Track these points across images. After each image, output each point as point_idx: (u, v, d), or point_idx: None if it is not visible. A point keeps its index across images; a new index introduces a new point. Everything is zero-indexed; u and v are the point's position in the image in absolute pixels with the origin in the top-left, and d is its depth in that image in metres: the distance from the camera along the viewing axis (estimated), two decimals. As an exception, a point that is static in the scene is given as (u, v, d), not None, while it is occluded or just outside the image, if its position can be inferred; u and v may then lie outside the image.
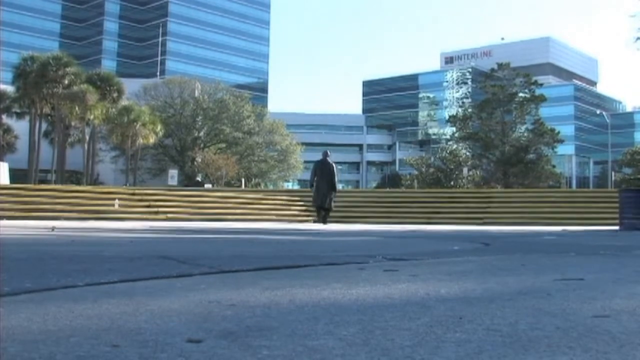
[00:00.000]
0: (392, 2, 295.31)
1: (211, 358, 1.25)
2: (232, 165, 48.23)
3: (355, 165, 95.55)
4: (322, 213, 17.00)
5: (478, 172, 56.13)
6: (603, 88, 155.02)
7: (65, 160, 43.61)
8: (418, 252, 4.97)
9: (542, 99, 54.24)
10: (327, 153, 17.03)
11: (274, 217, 20.95)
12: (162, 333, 1.49)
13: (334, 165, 16.95)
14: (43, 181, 41.53)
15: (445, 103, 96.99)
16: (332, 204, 17.00)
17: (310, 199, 18.43)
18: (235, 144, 56.53)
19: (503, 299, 2.17)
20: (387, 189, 47.38)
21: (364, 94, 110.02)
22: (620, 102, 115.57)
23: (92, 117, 40.03)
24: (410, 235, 9.56)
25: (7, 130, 45.94)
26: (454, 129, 59.68)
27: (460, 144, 58.95)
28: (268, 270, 3.21)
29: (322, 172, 16.80)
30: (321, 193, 16.78)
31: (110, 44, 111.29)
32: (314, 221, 19.11)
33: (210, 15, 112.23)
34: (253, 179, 57.89)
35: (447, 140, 67.72)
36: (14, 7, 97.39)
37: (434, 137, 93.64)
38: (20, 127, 45.03)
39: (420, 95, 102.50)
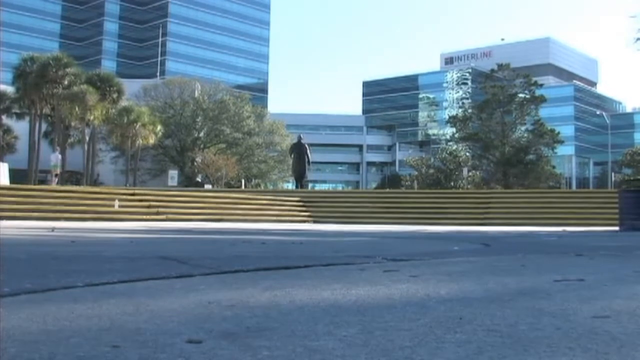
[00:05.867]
0: (392, 3, 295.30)
1: (211, 359, 1.25)
2: (232, 165, 48.18)
3: (355, 166, 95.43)
4: (300, 181, 23.08)
5: (478, 173, 56.09)
6: (603, 89, 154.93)
7: (65, 160, 43.55)
8: (418, 253, 4.97)
9: (542, 99, 54.20)
10: (300, 136, 24.01)
11: (273, 218, 20.93)
12: (162, 333, 1.49)
13: (306, 145, 23.25)
14: (43, 181, 41.47)
15: (445, 104, 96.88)
16: (307, 173, 23.35)
17: (310, 198, 22.77)
18: (235, 144, 56.48)
19: (503, 300, 2.17)
20: (387, 190, 47.34)
21: (364, 95, 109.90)
22: (620, 103, 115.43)
23: (92, 117, 39.99)
24: (410, 236, 9.56)
25: (7, 130, 45.91)
26: (454, 129, 59.62)
27: (460, 145, 58.91)
28: (268, 270, 3.21)
29: (299, 151, 22.97)
30: (299, 166, 22.83)
31: (110, 45, 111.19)
32: (313, 221, 19.47)
33: (210, 15, 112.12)
34: (253, 180, 57.86)
35: (447, 140, 67.65)
36: (14, 8, 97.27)
37: (434, 137, 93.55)
38: (20, 127, 45.00)
39: (420, 96, 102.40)
